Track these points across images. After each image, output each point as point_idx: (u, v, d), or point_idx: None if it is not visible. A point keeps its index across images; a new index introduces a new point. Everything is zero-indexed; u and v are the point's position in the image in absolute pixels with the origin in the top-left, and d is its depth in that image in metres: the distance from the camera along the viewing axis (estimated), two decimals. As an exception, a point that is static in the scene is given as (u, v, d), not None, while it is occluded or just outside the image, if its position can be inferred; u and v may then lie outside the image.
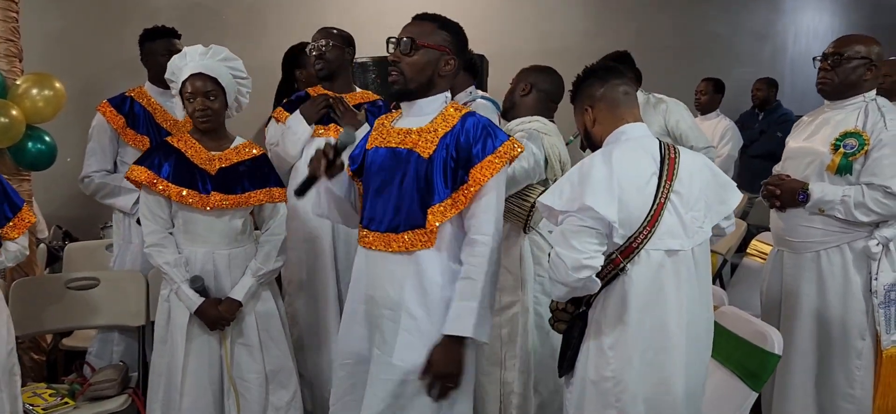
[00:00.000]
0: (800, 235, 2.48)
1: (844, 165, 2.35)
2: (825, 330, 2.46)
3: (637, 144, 1.78)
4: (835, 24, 6.83)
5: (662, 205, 1.71)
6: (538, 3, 5.78)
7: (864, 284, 2.38)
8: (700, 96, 4.80)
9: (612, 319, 1.75)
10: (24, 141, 2.85)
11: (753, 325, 2.08)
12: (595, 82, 1.86)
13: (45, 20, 4.29)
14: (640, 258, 1.71)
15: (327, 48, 2.73)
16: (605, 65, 1.91)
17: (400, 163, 1.88)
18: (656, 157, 1.76)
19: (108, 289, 2.72)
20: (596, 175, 1.68)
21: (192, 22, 4.80)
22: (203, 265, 2.32)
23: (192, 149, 2.32)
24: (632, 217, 1.69)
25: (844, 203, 2.33)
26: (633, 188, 1.70)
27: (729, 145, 4.60)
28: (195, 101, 2.25)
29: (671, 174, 1.73)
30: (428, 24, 1.89)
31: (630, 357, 1.74)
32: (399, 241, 1.86)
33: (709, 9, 6.27)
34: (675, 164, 1.75)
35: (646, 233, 1.70)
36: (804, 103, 6.51)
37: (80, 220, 4.30)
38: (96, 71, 4.38)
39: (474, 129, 1.84)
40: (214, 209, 2.28)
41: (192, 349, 2.31)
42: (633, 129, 1.81)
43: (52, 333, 3.05)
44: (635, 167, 1.73)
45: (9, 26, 2.92)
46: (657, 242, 1.71)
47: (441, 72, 1.88)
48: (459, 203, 1.82)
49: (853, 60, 2.37)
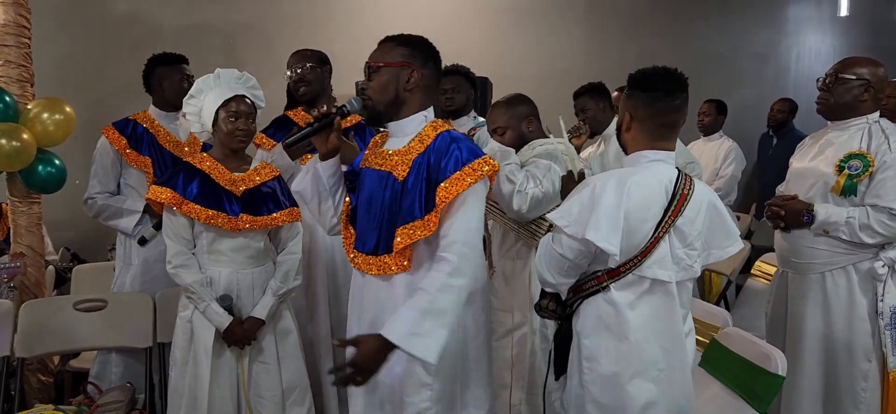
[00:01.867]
0: (804, 256, 2.48)
1: (849, 187, 2.36)
2: (831, 352, 2.46)
3: (654, 173, 1.77)
4: (837, 45, 6.85)
5: (660, 237, 1.73)
6: (540, 26, 5.84)
7: (870, 305, 2.38)
8: (703, 118, 4.82)
9: (589, 333, 1.81)
10: (34, 164, 2.89)
11: (758, 346, 2.08)
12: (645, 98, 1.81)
13: (56, 45, 4.36)
14: (624, 281, 1.75)
15: (306, 71, 2.75)
16: (668, 88, 1.80)
17: (381, 185, 1.87)
18: (669, 190, 1.76)
19: (115, 310, 2.74)
20: (604, 204, 1.69)
21: (200, 47, 4.87)
22: (227, 285, 2.35)
23: (215, 170, 2.36)
24: (630, 246, 1.72)
25: (849, 224, 2.34)
26: (638, 220, 1.71)
27: (732, 166, 4.61)
28: (238, 121, 2.32)
29: (678, 210, 1.74)
30: (387, 44, 1.88)
31: (603, 374, 1.78)
32: (378, 263, 1.86)
33: (711, 30, 6.32)
34: (686, 201, 1.75)
35: (637, 260, 1.73)
36: (808, 125, 6.51)
37: (88, 241, 4.34)
38: (105, 95, 4.45)
39: (443, 147, 1.80)
40: (242, 231, 2.32)
41: (216, 368, 2.33)
42: (654, 155, 1.80)
43: (59, 354, 3.07)
44: (646, 200, 1.73)
45: (21, 52, 2.97)
46: (645, 270, 1.74)
47: (405, 87, 1.85)
48: (430, 224, 1.76)
49: (850, 82, 2.39)
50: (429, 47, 1.90)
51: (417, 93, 1.86)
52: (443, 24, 5.64)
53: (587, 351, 1.80)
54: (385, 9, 5.46)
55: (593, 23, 5.96)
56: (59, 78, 4.04)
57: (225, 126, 2.32)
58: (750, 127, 5.80)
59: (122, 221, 2.86)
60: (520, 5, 5.80)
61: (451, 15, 5.68)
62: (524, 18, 5.81)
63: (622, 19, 6.03)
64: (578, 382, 1.82)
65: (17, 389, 2.67)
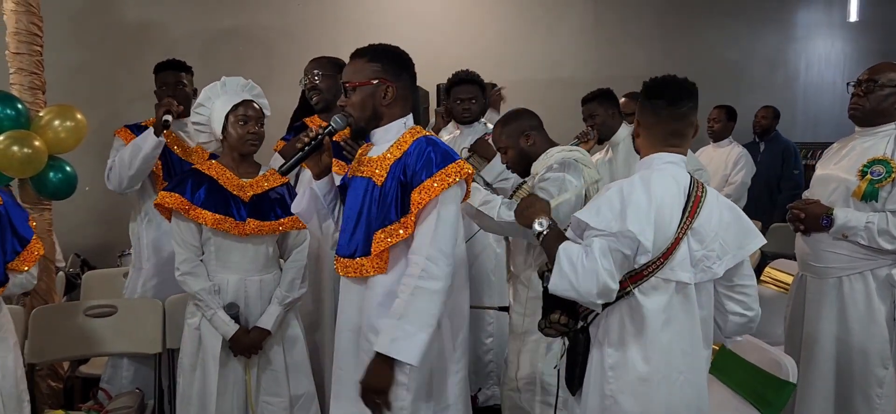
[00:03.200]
0: (823, 260, 2.47)
1: (870, 192, 2.34)
2: (846, 357, 2.44)
3: (671, 174, 1.79)
4: (847, 51, 6.83)
5: (680, 239, 1.74)
6: (549, 33, 5.85)
7: (888, 312, 2.37)
8: (713, 124, 4.81)
9: (614, 340, 1.78)
10: (45, 171, 2.91)
11: (768, 353, 2.07)
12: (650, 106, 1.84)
13: (67, 53, 4.40)
14: (648, 285, 1.74)
15: (319, 79, 2.76)
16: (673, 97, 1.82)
17: (363, 191, 1.93)
18: (686, 190, 1.78)
19: (125, 316, 2.75)
20: (637, 200, 1.70)
21: (210, 54, 4.91)
22: (235, 292, 2.36)
23: (223, 176, 2.37)
24: (655, 246, 1.72)
25: (868, 230, 2.32)
26: (664, 219, 1.72)
27: (742, 172, 4.59)
28: (249, 124, 2.34)
29: (694, 210, 1.76)
30: (358, 61, 1.91)
31: (629, 380, 1.76)
32: (354, 266, 1.91)
33: (720, 36, 6.31)
34: (701, 202, 1.77)
35: (660, 262, 1.73)
36: (817, 130, 6.51)
37: (98, 248, 4.36)
38: (116, 102, 4.48)
39: (417, 153, 1.85)
40: (249, 236, 2.33)
41: (223, 376, 2.34)
42: (668, 158, 1.82)
43: (69, 360, 3.08)
44: (669, 199, 1.75)
45: (33, 60, 3.00)
46: (667, 273, 1.73)
47: (382, 102, 1.89)
48: (407, 227, 1.82)
49: (886, 88, 2.37)
50: (400, 58, 1.94)
51: (395, 105, 1.91)
52: (451, 31, 5.67)
53: (611, 360, 1.78)
54: (393, 16, 5.48)
55: (601, 29, 5.97)
56: (71, 86, 4.08)
57: (235, 130, 2.34)
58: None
59: (145, 146, 2.73)
60: (527, 12, 5.81)
61: (459, 22, 5.70)
62: (532, 25, 5.83)
63: (630, 26, 6.04)
64: (600, 394, 1.79)
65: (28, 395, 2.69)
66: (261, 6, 5.18)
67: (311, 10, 5.30)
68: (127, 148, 2.79)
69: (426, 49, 5.53)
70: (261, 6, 5.18)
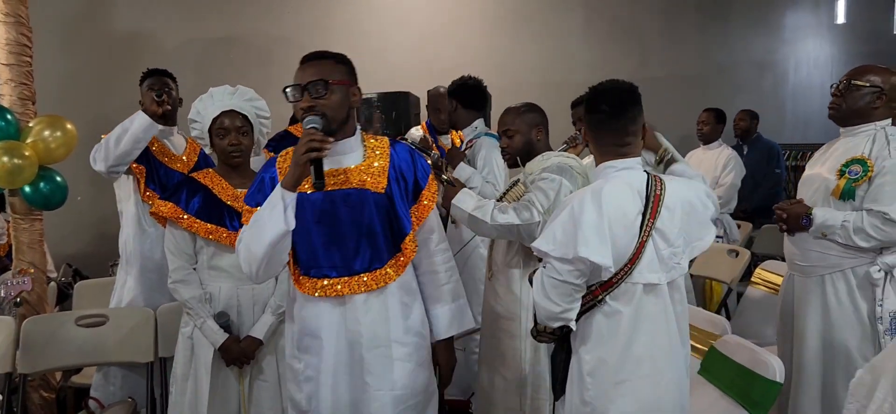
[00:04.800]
0: (808, 259, 2.51)
1: (848, 191, 2.38)
2: (830, 353, 2.47)
3: (624, 181, 1.80)
4: (835, 54, 6.88)
5: (645, 242, 1.76)
6: (541, 37, 5.88)
7: (870, 310, 2.39)
8: (702, 127, 4.83)
9: (590, 347, 1.81)
10: (36, 181, 2.91)
11: (755, 353, 2.09)
12: (592, 119, 1.88)
13: (57, 64, 4.41)
14: (618, 291, 1.77)
15: None
16: (613, 109, 1.85)
17: (357, 202, 1.87)
18: (642, 193, 1.79)
19: (117, 326, 2.74)
20: (587, 220, 1.71)
21: (202, 64, 4.92)
22: (228, 301, 2.35)
23: (218, 186, 2.37)
24: (619, 255, 1.74)
25: (844, 228, 2.35)
26: (620, 228, 1.74)
27: (732, 174, 4.61)
28: (228, 137, 2.33)
29: (654, 211, 1.77)
30: (327, 61, 1.85)
31: (606, 386, 1.78)
32: (375, 277, 1.89)
33: (709, 40, 6.35)
34: (660, 200, 1.79)
35: (627, 267, 1.75)
36: (807, 132, 6.55)
37: (90, 257, 4.36)
38: (107, 112, 4.45)
39: (408, 158, 1.99)
40: None
41: (215, 385, 2.33)
42: (622, 164, 1.84)
43: (61, 370, 3.08)
44: (623, 207, 1.76)
45: (23, 70, 3.00)
46: (636, 276, 1.76)
47: (352, 104, 1.90)
48: (415, 226, 1.97)
49: (863, 89, 2.41)
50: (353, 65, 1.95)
51: (355, 109, 1.94)
52: (443, 35, 5.70)
53: (588, 366, 1.80)
54: (386, 22, 5.50)
55: (592, 33, 6.00)
56: (61, 96, 4.08)
57: (217, 144, 2.35)
58: (749, 135, 5.81)
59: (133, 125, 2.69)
60: (519, 16, 5.84)
61: (451, 26, 5.73)
62: (523, 29, 5.86)
63: (621, 29, 6.07)
64: (581, 400, 1.82)
65: (20, 405, 2.68)
66: (253, 14, 5.20)
67: (304, 17, 5.32)
68: (115, 129, 2.73)
69: (417, 55, 5.60)
70: (253, 14, 5.20)
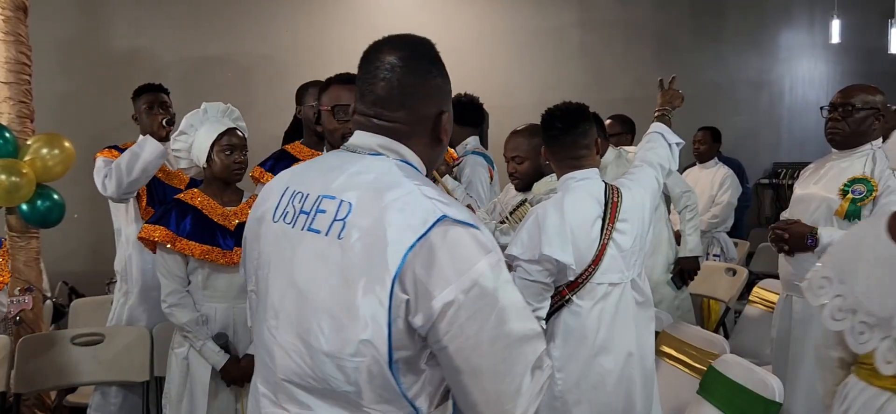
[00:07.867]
0: None
1: (853, 210, 2.37)
2: (833, 376, 2.45)
3: (584, 190, 2.00)
4: (830, 72, 6.94)
5: (606, 244, 1.95)
6: (538, 57, 5.91)
7: None
8: (698, 146, 4.85)
9: (559, 344, 1.97)
10: (33, 199, 2.90)
11: (755, 373, 2.08)
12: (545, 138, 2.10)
13: (55, 82, 4.41)
14: (584, 291, 1.94)
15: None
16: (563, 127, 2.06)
17: None
18: (601, 200, 2.00)
19: (113, 344, 2.73)
20: (550, 223, 1.90)
21: (198, 81, 4.93)
22: (224, 321, 2.34)
23: (206, 206, 2.36)
24: (581, 256, 1.92)
25: None
26: (581, 232, 1.93)
27: (728, 193, 4.61)
28: (234, 154, 2.33)
29: (613, 216, 1.97)
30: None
31: (576, 380, 1.94)
32: None
33: (705, 59, 6.40)
34: (618, 207, 1.99)
35: (591, 269, 1.93)
36: (804, 150, 6.58)
37: (86, 276, 4.34)
38: (105, 130, 4.46)
39: None
40: (237, 264, 2.30)
41: (214, 406, 2.31)
42: (581, 175, 2.05)
43: (57, 389, 3.05)
44: (583, 213, 1.96)
45: (21, 88, 3.00)
46: (600, 277, 1.94)
47: None
48: None
49: (863, 111, 2.42)
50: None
51: None
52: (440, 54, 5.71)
53: (558, 362, 1.94)
54: (382, 42, 5.51)
55: (588, 53, 6.04)
56: (60, 114, 4.08)
57: (220, 160, 2.33)
58: (746, 154, 5.85)
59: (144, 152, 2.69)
60: (516, 36, 5.88)
61: (448, 46, 5.74)
62: (520, 49, 5.89)
63: (617, 49, 6.11)
64: (550, 395, 1.95)
65: (14, 425, 2.66)
66: (249, 33, 5.22)
67: (300, 37, 5.34)
68: (124, 155, 2.72)
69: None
70: (249, 33, 5.22)
